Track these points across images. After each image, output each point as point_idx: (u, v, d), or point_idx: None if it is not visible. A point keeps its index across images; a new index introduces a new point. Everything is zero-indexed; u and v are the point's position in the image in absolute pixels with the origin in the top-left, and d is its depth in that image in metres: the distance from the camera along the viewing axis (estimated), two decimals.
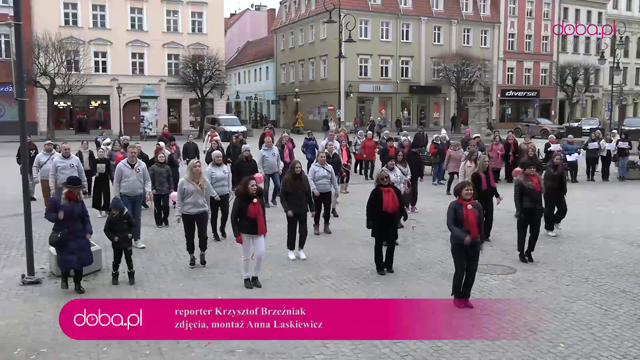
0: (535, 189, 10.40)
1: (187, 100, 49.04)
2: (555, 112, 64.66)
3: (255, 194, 8.78)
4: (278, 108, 67.17)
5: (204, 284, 9.15)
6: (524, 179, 10.52)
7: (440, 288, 9.02)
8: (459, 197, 8.09)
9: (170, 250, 11.22)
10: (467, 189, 8.02)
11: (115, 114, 46.59)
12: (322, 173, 12.25)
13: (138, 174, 11.31)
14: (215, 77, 46.54)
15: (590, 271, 10.05)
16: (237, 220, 8.80)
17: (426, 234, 12.66)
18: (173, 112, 50.59)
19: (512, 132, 21.40)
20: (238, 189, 9.00)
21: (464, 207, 7.95)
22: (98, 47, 46.70)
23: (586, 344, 7.01)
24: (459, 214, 7.94)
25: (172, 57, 49.02)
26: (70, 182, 8.95)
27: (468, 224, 7.88)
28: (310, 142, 20.80)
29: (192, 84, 45.99)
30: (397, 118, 54.08)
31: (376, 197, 9.58)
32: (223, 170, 11.78)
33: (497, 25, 60.38)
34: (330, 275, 9.67)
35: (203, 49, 48.31)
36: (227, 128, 40.21)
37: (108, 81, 46.41)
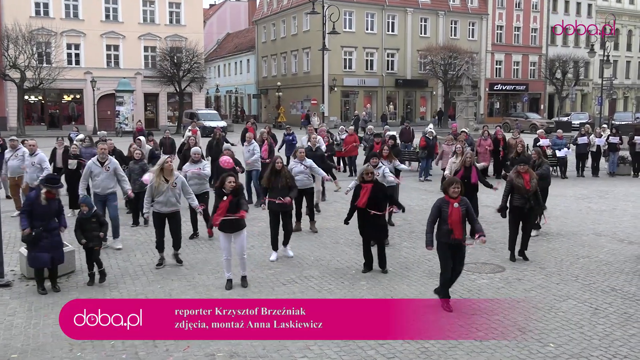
0: (524, 187, 10.39)
1: (165, 94, 48.73)
2: (545, 106, 65.25)
3: (230, 191, 8.77)
4: (259, 102, 66.99)
5: (182, 285, 9.12)
6: (516, 176, 10.53)
7: (427, 287, 9.07)
8: (445, 193, 8.12)
9: (147, 250, 11.14)
10: (455, 187, 8.04)
11: (89, 108, 46.16)
12: (299, 169, 12.22)
13: (108, 172, 11.20)
14: (194, 70, 46.31)
15: (580, 269, 10.16)
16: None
17: (412, 232, 12.71)
18: (150, 106, 50.25)
19: (500, 127, 21.54)
20: (216, 185, 9.08)
21: (450, 204, 7.99)
22: (71, 38, 46.22)
23: (576, 344, 7.09)
24: (444, 213, 7.98)
25: (149, 49, 48.68)
26: (48, 181, 8.89)
27: (452, 222, 7.91)
28: (288, 137, 20.77)
29: (169, 78, 45.72)
30: (382, 113, 54.20)
31: (356, 193, 9.68)
32: (200, 167, 11.73)
33: (484, 17, 60.74)
34: (314, 275, 9.67)
35: (181, 41, 48.05)
36: (207, 123, 40.00)
37: (81, 74, 45.96)
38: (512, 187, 10.51)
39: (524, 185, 10.40)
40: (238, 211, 8.78)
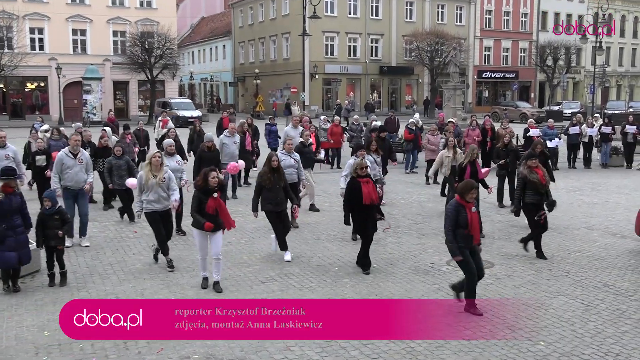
0: (540, 182, 10.34)
1: (135, 82, 48.33)
2: (535, 94, 65.79)
3: (216, 187, 8.71)
4: (236, 91, 66.72)
5: (155, 284, 9.08)
6: (529, 172, 10.46)
7: (413, 285, 9.13)
8: (461, 198, 7.84)
9: (117, 248, 11.08)
10: (474, 193, 7.83)
11: (55, 97, 45.65)
12: (289, 162, 12.20)
13: (81, 164, 11.08)
14: (167, 57, 45.93)
15: (571, 264, 10.28)
16: (198, 213, 8.72)
17: (398, 227, 12.76)
18: (119, 95, 49.83)
19: (489, 117, 21.65)
20: (197, 181, 8.92)
21: (467, 209, 7.79)
22: (34, 22, 45.59)
23: (567, 342, 7.19)
24: (462, 217, 7.77)
25: (118, 34, 48.20)
26: (4, 173, 8.77)
27: (472, 228, 7.77)
28: (272, 127, 20.73)
29: (140, 64, 45.33)
30: (366, 101, 54.27)
31: (355, 190, 9.55)
32: (176, 161, 11.64)
33: (473, 1, 61.00)
34: (295, 273, 9.69)
35: (152, 25, 47.62)
36: (180, 113, 39.83)
37: (46, 61, 45.37)
38: (525, 183, 10.44)
39: (539, 180, 10.34)
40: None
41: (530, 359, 6.77)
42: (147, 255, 10.47)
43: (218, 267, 8.90)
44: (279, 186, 10.25)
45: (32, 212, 9.31)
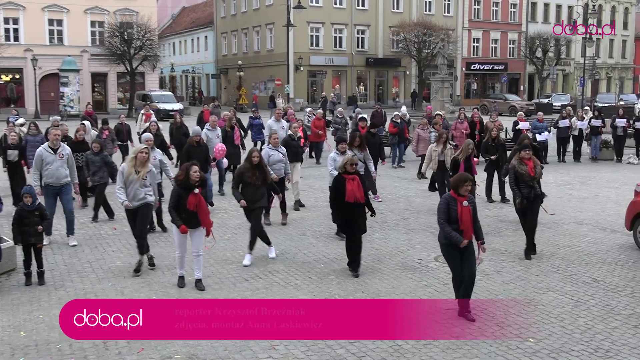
0: (528, 174, 10.37)
1: (114, 74, 47.96)
2: (524, 87, 66.14)
3: (197, 182, 8.65)
4: (219, 83, 66.45)
5: (135, 283, 9.05)
6: (518, 163, 10.52)
7: (400, 281, 9.17)
8: (454, 191, 7.78)
9: (96, 245, 11.02)
10: (468, 185, 7.72)
11: (30, 89, 45.20)
12: (277, 157, 12.17)
13: (62, 159, 10.96)
14: (146, 48, 45.64)
15: (560, 260, 10.37)
16: (175, 210, 8.68)
17: (385, 222, 12.80)
18: (98, 87, 49.42)
19: (477, 109, 21.78)
20: (178, 176, 8.84)
21: (458, 203, 7.72)
22: (8, 12, 45.07)
23: (556, 338, 7.26)
24: (452, 211, 7.70)
25: (96, 24, 47.75)
26: None
27: (462, 223, 7.68)
28: (255, 121, 20.68)
29: (119, 56, 45.02)
30: (352, 94, 54.28)
31: (338, 186, 9.46)
32: (153, 157, 11.55)
33: None
34: (279, 270, 9.69)
35: (132, 15, 47.27)
36: (161, 105, 39.56)
37: (21, 52, 44.90)
38: (517, 175, 10.47)
39: (527, 172, 10.37)
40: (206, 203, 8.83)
41: (519, 356, 6.83)
42: (126, 253, 10.43)
43: (199, 263, 8.86)
44: (260, 183, 10.05)
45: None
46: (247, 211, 10.18)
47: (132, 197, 9.47)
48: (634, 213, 11.11)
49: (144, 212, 9.68)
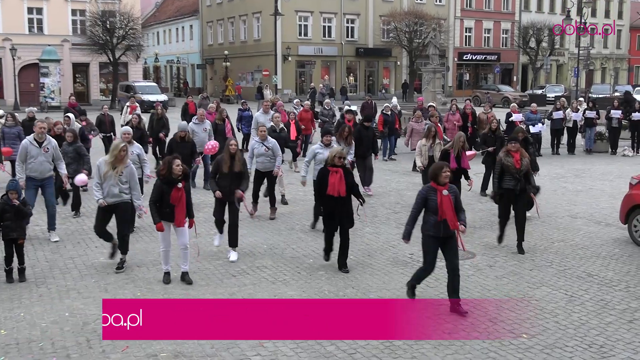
0: (514, 166, 10.39)
1: (97, 64, 47.72)
2: (518, 78, 66.36)
3: (180, 176, 8.64)
4: (204, 73, 66.21)
5: (119, 279, 9.02)
6: (505, 155, 10.55)
7: (391, 277, 9.19)
8: (433, 181, 7.86)
9: (78, 241, 10.98)
10: (446, 171, 7.81)
11: (9, 80, 44.85)
12: (260, 150, 12.17)
13: (47, 153, 10.92)
14: (130, 37, 45.43)
15: (554, 254, 10.44)
16: (156, 206, 8.69)
17: (375, 217, 12.82)
18: (79, 78, 49.16)
19: (469, 101, 21.79)
20: (160, 170, 8.83)
21: (438, 192, 7.77)
22: None
23: (550, 334, 7.31)
24: (431, 202, 7.77)
25: (77, 12, 47.47)
26: None
27: (443, 212, 7.71)
28: (245, 113, 20.61)
29: (102, 45, 44.78)
30: (341, 85, 54.22)
31: (322, 179, 9.48)
32: (131, 151, 11.47)
33: None
34: (267, 265, 9.69)
35: (114, 4, 47.00)
36: (145, 97, 39.37)
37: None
38: (502, 168, 10.53)
39: (513, 164, 10.40)
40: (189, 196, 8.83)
41: (513, 352, 6.87)
42: (110, 249, 10.38)
43: (186, 257, 8.91)
44: (234, 174, 10.05)
45: None
46: (222, 203, 10.21)
47: (106, 194, 9.39)
48: (629, 206, 11.19)
49: (122, 212, 9.57)
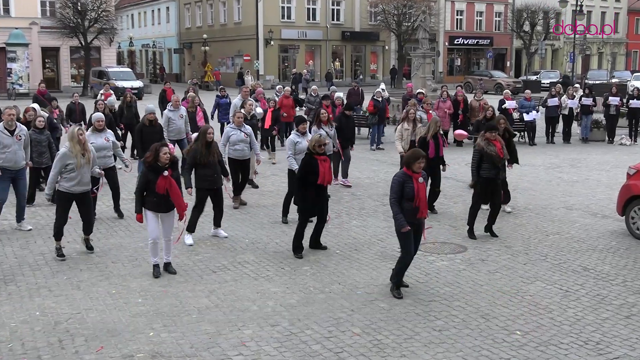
0: (498, 155, 10.64)
1: (67, 48, 47.30)
2: (511, 63, 66.59)
3: (167, 164, 8.71)
4: (182, 58, 65.86)
5: (93, 276, 8.98)
6: (486, 144, 10.71)
7: (380, 272, 9.22)
8: (407, 168, 8.10)
9: (49, 236, 10.86)
10: (421, 162, 8.05)
11: None
12: (239, 136, 12.20)
13: (20, 141, 10.89)
14: (102, 20, 45.03)
15: (549, 247, 10.52)
16: (142, 195, 8.82)
17: (362, 209, 12.85)
18: (49, 63, 48.73)
19: (461, 87, 21.87)
20: (147, 158, 8.89)
21: (414, 180, 8.02)
22: None
23: (545, 330, 7.37)
24: (408, 189, 8.00)
25: None
26: None
27: (419, 200, 8.02)
28: (222, 100, 20.54)
29: (72, 29, 44.36)
30: (327, 70, 54.15)
31: (309, 168, 9.55)
32: (105, 137, 11.47)
33: None
34: (249, 261, 9.69)
35: None
36: (119, 83, 39.11)
37: None
38: (481, 156, 10.68)
39: (497, 153, 10.61)
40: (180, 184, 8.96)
41: (506, 349, 6.93)
42: (83, 244, 10.34)
43: (169, 248, 9.17)
44: (214, 161, 10.36)
45: None
46: (212, 192, 10.47)
47: (77, 182, 9.55)
48: (626, 197, 11.27)
49: (88, 199, 9.84)
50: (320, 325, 7.40)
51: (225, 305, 7.98)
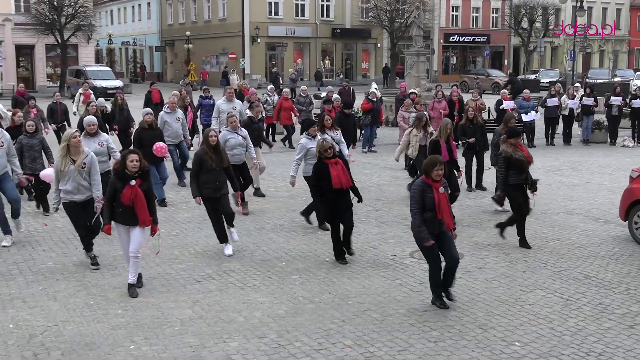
0: (527, 160, 10.65)
1: (43, 46, 47.16)
2: (509, 61, 66.84)
3: (135, 173, 8.53)
4: (164, 57, 65.79)
5: (71, 286, 8.94)
6: (513, 150, 10.68)
7: (372, 281, 9.22)
8: (426, 176, 7.97)
9: (24, 244, 10.85)
10: (439, 169, 7.92)
11: None
12: (236, 140, 12.17)
13: (2, 147, 10.76)
14: (80, 16, 44.96)
15: (549, 254, 10.55)
16: (111, 205, 8.61)
17: (354, 215, 12.80)
18: (23, 62, 48.57)
19: (457, 87, 21.92)
20: (115, 165, 8.77)
21: (434, 189, 7.91)
22: None
23: (545, 341, 7.39)
24: (428, 199, 7.89)
25: None
26: None
27: (440, 211, 7.89)
28: (205, 101, 20.49)
29: (48, 25, 44.28)
30: (316, 69, 54.20)
31: (321, 173, 9.62)
32: (99, 142, 11.34)
33: None
34: (235, 269, 9.67)
35: None
36: (97, 83, 39.02)
37: None
38: (509, 163, 10.65)
39: (525, 158, 10.63)
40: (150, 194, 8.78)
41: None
42: (59, 252, 10.30)
43: (134, 266, 8.71)
44: (219, 168, 10.16)
45: None
46: (214, 200, 10.24)
47: (76, 191, 9.36)
48: (629, 202, 11.31)
49: (91, 209, 9.55)
50: (310, 337, 7.40)
51: (209, 316, 7.96)
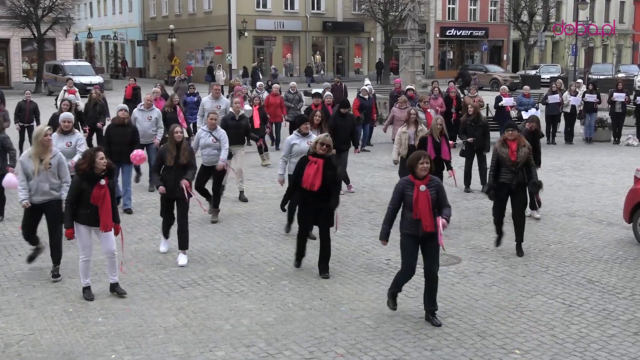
0: (509, 158, 10.43)
1: (18, 40, 47.02)
2: (508, 56, 67.03)
3: (104, 171, 8.48)
4: (146, 51, 65.65)
5: (48, 293, 8.90)
6: (500, 145, 10.62)
7: (365, 286, 9.23)
8: (411, 173, 7.91)
9: None
10: (423, 162, 7.80)
11: None
12: (206, 141, 12.12)
13: None
14: (57, 9, 44.82)
15: (550, 258, 10.58)
16: (72, 207, 8.52)
17: (346, 217, 12.84)
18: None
19: (453, 83, 21.96)
20: (79, 164, 8.65)
21: (415, 187, 7.81)
22: None
23: (546, 349, 7.41)
24: (408, 197, 7.83)
25: None
26: None
27: (418, 211, 7.76)
28: (189, 98, 20.44)
29: (24, 18, 44.15)
30: (306, 64, 54.20)
31: (299, 169, 9.54)
32: (67, 142, 11.28)
33: None
34: (222, 275, 9.66)
35: None
36: (76, 78, 38.80)
37: None
38: (498, 159, 10.60)
39: (508, 155, 10.45)
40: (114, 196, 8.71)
41: None
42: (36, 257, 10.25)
43: (113, 266, 8.79)
44: (178, 167, 10.05)
45: None
46: (168, 201, 10.24)
47: (34, 191, 9.28)
48: (634, 203, 11.34)
49: (54, 211, 9.41)
50: (300, 345, 7.39)
51: (194, 324, 7.94)
